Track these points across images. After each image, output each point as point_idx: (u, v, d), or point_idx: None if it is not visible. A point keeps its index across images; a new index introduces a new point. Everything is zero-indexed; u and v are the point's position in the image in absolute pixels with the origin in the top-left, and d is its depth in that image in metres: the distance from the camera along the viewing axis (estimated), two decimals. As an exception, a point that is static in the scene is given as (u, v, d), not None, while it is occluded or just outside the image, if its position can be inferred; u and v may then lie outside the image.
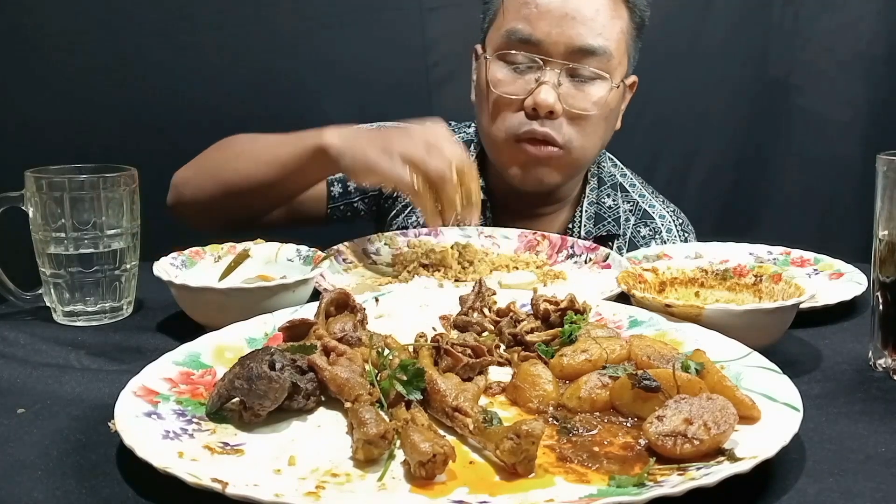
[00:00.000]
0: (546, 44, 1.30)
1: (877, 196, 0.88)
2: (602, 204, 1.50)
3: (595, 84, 1.34)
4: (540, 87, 1.30)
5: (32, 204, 1.03)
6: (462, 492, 0.62)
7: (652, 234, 1.50)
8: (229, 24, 1.87)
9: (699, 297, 1.01)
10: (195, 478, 0.59)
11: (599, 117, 1.35)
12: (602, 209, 1.49)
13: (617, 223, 1.49)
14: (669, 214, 1.55)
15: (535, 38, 1.31)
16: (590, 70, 1.32)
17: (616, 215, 1.49)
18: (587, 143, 1.37)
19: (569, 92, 1.32)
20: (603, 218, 1.48)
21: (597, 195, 1.51)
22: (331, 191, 1.54)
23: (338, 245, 1.27)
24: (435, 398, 0.73)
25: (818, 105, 2.01)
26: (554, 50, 1.30)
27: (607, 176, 1.54)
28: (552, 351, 0.85)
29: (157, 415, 0.71)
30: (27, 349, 0.94)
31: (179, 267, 1.08)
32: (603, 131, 1.39)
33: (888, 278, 0.87)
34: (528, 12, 1.31)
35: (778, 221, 2.08)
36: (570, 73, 1.32)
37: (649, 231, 1.50)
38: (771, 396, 0.72)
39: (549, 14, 1.30)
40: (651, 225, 1.51)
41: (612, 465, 0.65)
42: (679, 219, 1.56)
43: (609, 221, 1.48)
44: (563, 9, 1.30)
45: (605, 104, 1.35)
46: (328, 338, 0.83)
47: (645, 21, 1.41)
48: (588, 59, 1.32)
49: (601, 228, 1.48)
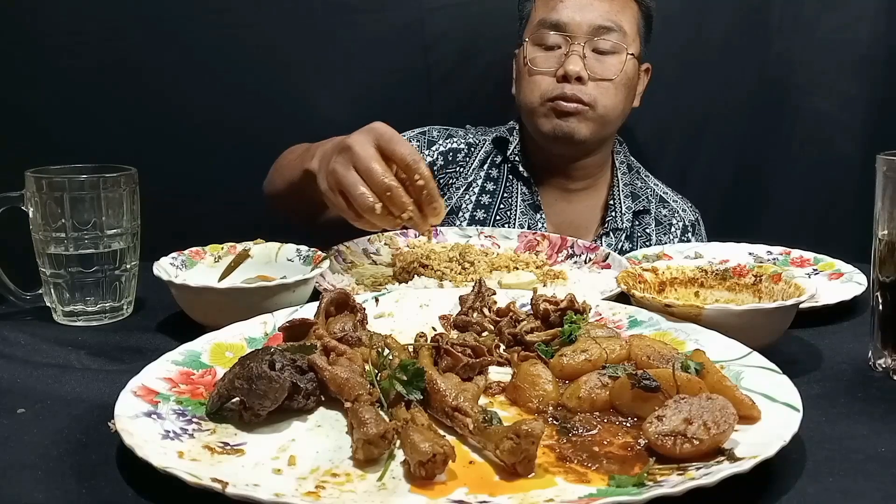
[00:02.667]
0: (572, 25, 1.54)
1: (877, 196, 0.88)
2: (634, 185, 1.71)
3: (614, 56, 1.55)
4: (569, 57, 1.52)
5: (32, 204, 1.03)
6: (462, 492, 0.62)
7: (671, 214, 1.70)
8: (229, 24, 1.87)
9: (699, 297, 1.01)
10: (195, 478, 0.59)
11: (619, 83, 1.55)
12: (635, 189, 1.71)
13: (648, 201, 1.70)
14: (680, 199, 1.76)
15: (562, 22, 1.54)
16: (609, 44, 1.54)
17: (647, 194, 1.70)
18: (609, 103, 1.55)
19: (592, 63, 1.54)
20: (637, 196, 1.69)
21: (629, 178, 1.71)
22: None
23: (338, 245, 1.27)
24: (435, 398, 0.73)
25: (818, 105, 2.00)
26: (578, 30, 1.53)
27: (632, 163, 1.76)
28: (552, 351, 0.85)
29: (157, 415, 0.71)
30: (27, 349, 0.94)
31: (179, 267, 1.08)
32: (623, 97, 1.58)
33: (888, 278, 0.87)
34: (555, 4, 1.56)
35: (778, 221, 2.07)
36: (593, 47, 1.54)
37: (668, 211, 1.70)
38: (771, 396, 0.72)
39: (572, 2, 1.55)
40: (668, 207, 1.72)
41: (612, 464, 0.65)
42: (687, 203, 1.76)
43: (643, 199, 1.69)
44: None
45: (624, 72, 1.55)
46: (328, 338, 0.83)
47: (651, 13, 1.63)
48: (607, 34, 1.54)
49: (638, 204, 1.68)
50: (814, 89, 2.00)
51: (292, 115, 1.84)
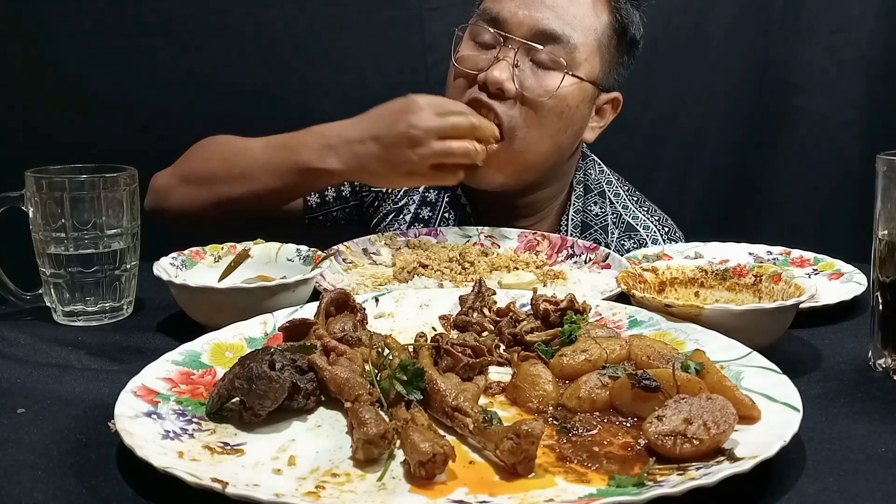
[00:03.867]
0: (511, 23, 1.28)
1: (877, 196, 0.88)
2: (588, 212, 1.46)
3: (553, 73, 1.28)
4: (497, 63, 1.26)
5: (32, 204, 1.03)
6: (462, 492, 0.62)
7: (637, 246, 1.43)
8: (230, 24, 1.87)
9: (699, 297, 1.01)
10: (195, 478, 0.59)
11: (552, 110, 1.28)
12: (588, 217, 1.45)
13: (604, 231, 1.45)
14: (654, 224, 1.49)
15: (501, 17, 1.29)
16: (549, 54, 1.27)
17: (604, 223, 1.45)
18: (533, 135, 1.29)
19: (525, 74, 1.27)
20: (590, 226, 1.44)
21: (583, 203, 1.46)
22: (308, 201, 1.51)
23: (338, 245, 1.27)
24: (435, 398, 0.73)
25: (818, 105, 2.01)
26: (517, 30, 1.28)
27: (594, 183, 1.49)
28: (552, 351, 0.84)
29: (157, 415, 0.71)
30: (27, 349, 0.94)
31: (179, 267, 1.08)
32: (555, 129, 1.31)
33: (888, 278, 0.87)
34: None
35: (778, 221, 2.08)
36: (530, 55, 1.28)
37: (633, 244, 1.45)
38: (771, 396, 0.72)
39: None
40: (635, 237, 1.46)
41: (612, 464, 0.65)
42: (665, 227, 1.51)
43: (596, 229, 1.45)
44: None
45: (561, 96, 1.28)
46: (328, 338, 0.83)
47: (634, 37, 1.37)
48: (550, 44, 1.27)
49: (588, 237, 1.44)
50: (814, 89, 2.00)
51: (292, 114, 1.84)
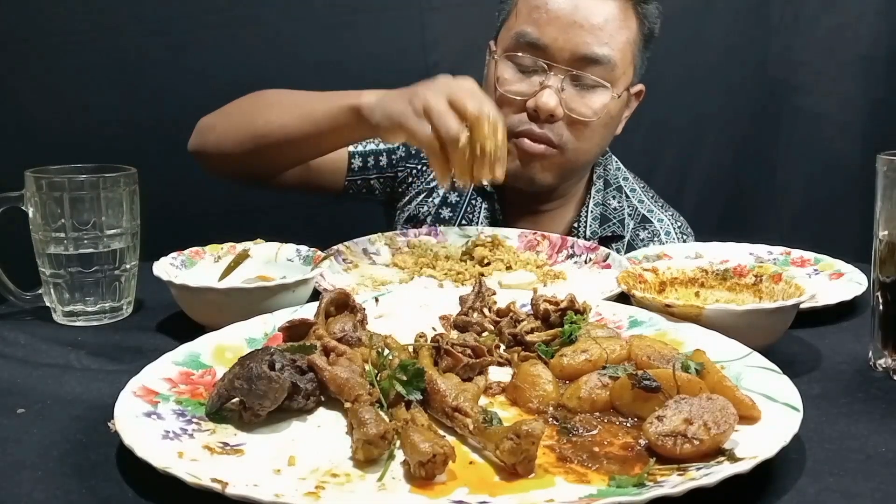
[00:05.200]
0: (552, 49, 1.33)
1: (877, 196, 0.88)
2: (608, 205, 1.52)
3: (597, 92, 1.36)
4: (543, 90, 1.33)
5: (32, 204, 1.03)
6: (462, 492, 0.62)
7: (651, 236, 1.52)
8: (230, 23, 1.87)
9: (699, 297, 1.01)
10: (195, 478, 0.59)
11: (598, 124, 1.37)
12: (608, 210, 1.52)
13: (622, 224, 1.51)
14: (668, 218, 1.57)
15: (542, 43, 1.33)
16: (592, 79, 1.34)
17: (621, 217, 1.51)
18: (583, 147, 1.39)
19: (571, 97, 1.35)
20: (608, 219, 1.51)
21: (602, 196, 1.53)
22: (351, 163, 1.53)
23: (338, 245, 1.27)
24: (435, 398, 0.73)
25: (818, 105, 2.01)
26: (559, 56, 1.33)
27: (612, 178, 1.56)
28: (552, 351, 0.84)
29: (157, 415, 0.71)
30: (27, 349, 0.94)
31: (179, 267, 1.08)
32: (600, 138, 1.42)
33: (888, 278, 0.87)
34: (538, 16, 1.34)
35: (778, 221, 2.08)
36: (573, 79, 1.34)
37: (648, 234, 1.52)
38: (771, 396, 0.72)
39: (557, 20, 1.32)
40: (650, 228, 1.53)
41: (612, 465, 0.65)
42: (678, 222, 1.58)
43: (614, 222, 1.51)
44: (572, 16, 1.32)
45: (606, 112, 1.37)
46: (328, 338, 0.83)
47: (654, 32, 1.43)
48: (592, 67, 1.34)
49: (606, 229, 1.50)
50: (814, 89, 2.00)
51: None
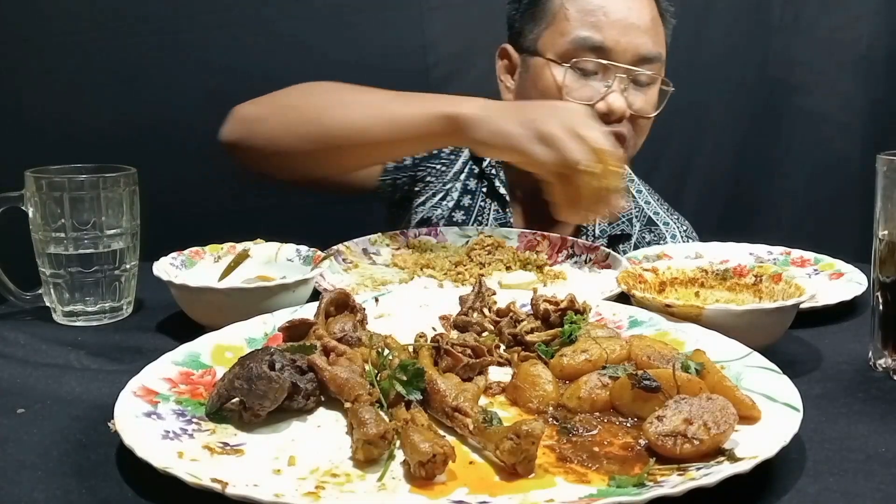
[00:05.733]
0: (615, 51, 1.35)
1: (877, 196, 0.88)
2: None
3: (652, 88, 1.41)
4: (611, 93, 1.35)
5: (32, 204, 1.03)
6: (462, 492, 0.62)
7: (656, 240, 1.53)
8: (230, 23, 1.87)
9: (699, 297, 1.01)
10: (195, 478, 0.59)
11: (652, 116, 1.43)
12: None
13: (630, 224, 1.52)
14: (673, 221, 1.58)
15: (606, 47, 1.35)
16: (649, 76, 1.39)
17: (629, 216, 1.53)
18: (639, 141, 1.45)
19: (633, 96, 1.39)
20: (617, 217, 1.51)
21: None
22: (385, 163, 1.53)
23: (338, 245, 1.27)
24: (435, 398, 0.73)
25: (818, 105, 2.01)
26: (622, 57, 1.35)
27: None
28: (552, 351, 0.84)
29: (157, 415, 0.71)
30: (27, 349, 0.94)
31: (179, 267, 1.08)
32: (649, 129, 1.46)
33: (888, 278, 0.87)
34: (596, 20, 1.35)
35: (778, 221, 2.08)
36: (634, 78, 1.38)
37: (653, 237, 1.54)
38: (771, 396, 0.72)
39: (617, 23, 1.35)
40: (655, 231, 1.55)
41: (612, 465, 0.65)
42: (683, 226, 1.59)
43: (623, 221, 1.52)
44: (628, 18, 1.36)
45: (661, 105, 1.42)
46: (328, 338, 0.83)
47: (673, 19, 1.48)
48: (649, 65, 1.38)
49: (615, 228, 1.51)
50: (814, 89, 2.01)
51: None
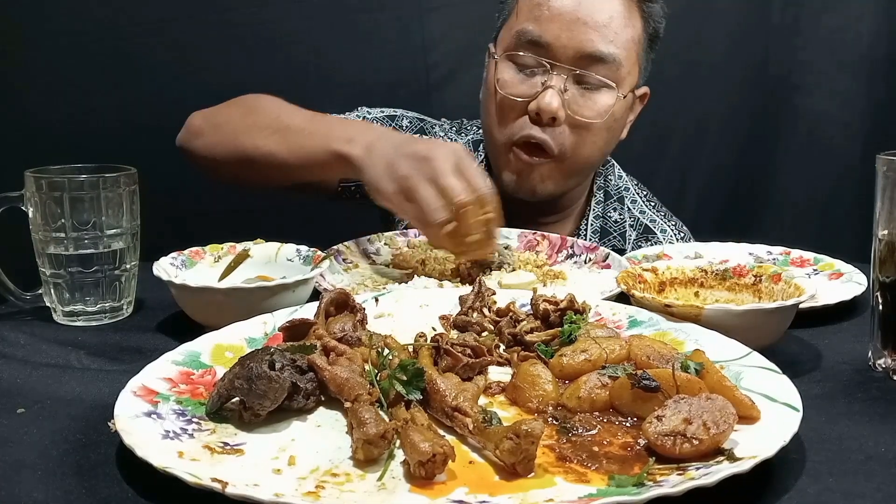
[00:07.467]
0: (555, 47, 1.27)
1: (877, 196, 0.88)
2: (608, 218, 1.48)
3: (602, 93, 1.31)
4: (545, 91, 1.27)
5: (32, 204, 1.03)
6: (462, 492, 0.62)
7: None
8: (229, 24, 1.87)
9: (699, 297, 1.01)
10: (195, 478, 0.59)
11: (602, 127, 1.32)
12: (608, 223, 1.48)
13: (622, 238, 1.47)
14: (671, 228, 1.53)
15: (544, 41, 1.28)
16: (597, 78, 1.29)
17: (622, 230, 1.47)
18: (585, 152, 1.34)
19: (574, 99, 1.29)
20: (609, 232, 1.47)
21: (603, 209, 1.48)
22: None
23: (338, 245, 1.27)
24: (435, 398, 0.73)
25: (818, 105, 2.01)
26: (562, 54, 1.27)
27: (613, 189, 1.52)
28: (552, 351, 0.84)
29: (157, 415, 0.71)
30: (27, 349, 0.94)
31: (179, 267, 1.08)
32: (604, 142, 1.36)
33: (888, 278, 0.87)
34: (539, 14, 1.28)
35: (778, 221, 2.08)
36: (577, 79, 1.29)
37: (650, 245, 1.48)
38: (771, 396, 0.72)
39: (560, 17, 1.27)
40: (653, 239, 1.49)
41: (612, 464, 0.65)
42: (681, 232, 1.55)
43: (615, 236, 1.46)
44: (575, 13, 1.27)
45: (611, 115, 1.31)
46: (328, 338, 0.83)
47: (659, 33, 1.38)
48: (596, 66, 1.28)
49: (607, 244, 1.45)
50: (814, 89, 2.01)
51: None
